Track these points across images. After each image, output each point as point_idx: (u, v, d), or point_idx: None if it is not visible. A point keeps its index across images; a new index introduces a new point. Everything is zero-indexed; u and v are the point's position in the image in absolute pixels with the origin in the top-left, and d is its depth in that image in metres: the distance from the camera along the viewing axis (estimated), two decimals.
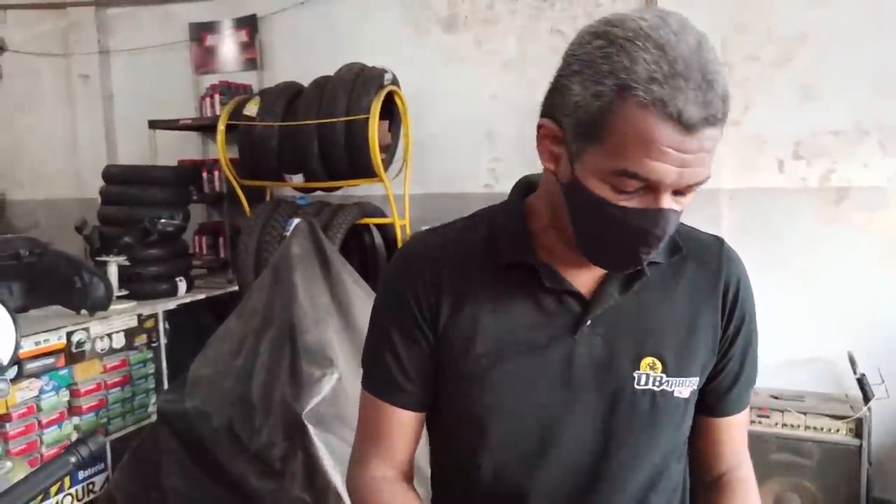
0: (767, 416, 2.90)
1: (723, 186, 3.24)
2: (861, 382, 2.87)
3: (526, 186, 1.01)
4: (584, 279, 0.94)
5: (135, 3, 4.60)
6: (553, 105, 0.85)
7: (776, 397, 2.99)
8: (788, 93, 3.17)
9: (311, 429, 2.11)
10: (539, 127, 0.88)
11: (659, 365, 0.94)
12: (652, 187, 0.79)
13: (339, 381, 2.25)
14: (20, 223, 4.99)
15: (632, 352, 0.93)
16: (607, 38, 0.77)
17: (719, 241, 1.02)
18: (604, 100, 0.77)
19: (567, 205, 0.87)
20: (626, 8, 3.43)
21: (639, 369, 0.93)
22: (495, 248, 0.96)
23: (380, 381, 1.01)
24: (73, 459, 1.12)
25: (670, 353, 0.94)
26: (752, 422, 2.93)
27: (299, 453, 2.14)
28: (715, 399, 1.02)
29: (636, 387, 0.93)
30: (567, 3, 3.56)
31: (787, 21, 3.16)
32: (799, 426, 2.86)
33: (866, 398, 2.84)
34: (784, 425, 2.88)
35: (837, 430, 2.82)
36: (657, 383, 0.93)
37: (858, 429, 2.80)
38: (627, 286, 0.93)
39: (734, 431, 1.05)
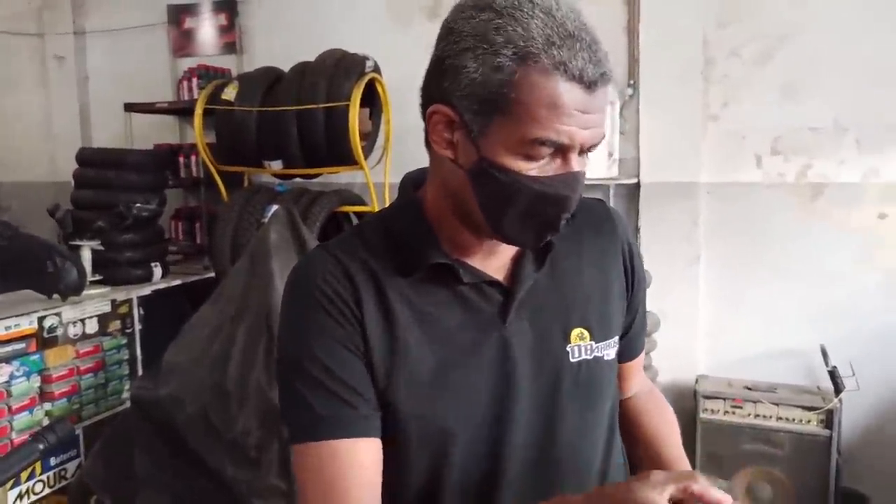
0: (741, 407, 2.95)
1: (701, 180, 3.27)
2: (833, 375, 2.92)
3: (413, 183, 0.97)
4: (497, 266, 0.93)
5: None
6: (442, 89, 0.81)
7: (750, 388, 3.04)
8: (769, 89, 3.19)
9: None
10: (431, 115, 0.83)
11: (587, 334, 0.95)
12: (562, 151, 0.79)
13: None
14: None
15: (561, 327, 0.94)
16: (493, 10, 0.77)
17: (604, 205, 1.06)
18: (505, 71, 0.76)
19: (475, 189, 0.83)
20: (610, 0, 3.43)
21: (570, 342, 0.94)
22: (404, 254, 0.90)
23: (320, 420, 0.85)
24: (40, 446, 1.10)
25: (594, 319, 0.96)
26: (726, 412, 2.97)
27: (275, 441, 2.12)
28: (624, 347, 1.06)
29: (571, 360, 0.94)
30: None
31: (771, 19, 3.18)
32: (771, 417, 2.90)
33: (837, 390, 2.89)
34: (757, 416, 2.93)
35: (809, 422, 2.87)
36: (588, 352, 0.95)
37: (829, 420, 2.86)
38: (540, 263, 0.93)
39: (637, 368, 1.16)
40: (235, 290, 2.68)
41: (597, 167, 3.20)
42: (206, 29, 4.26)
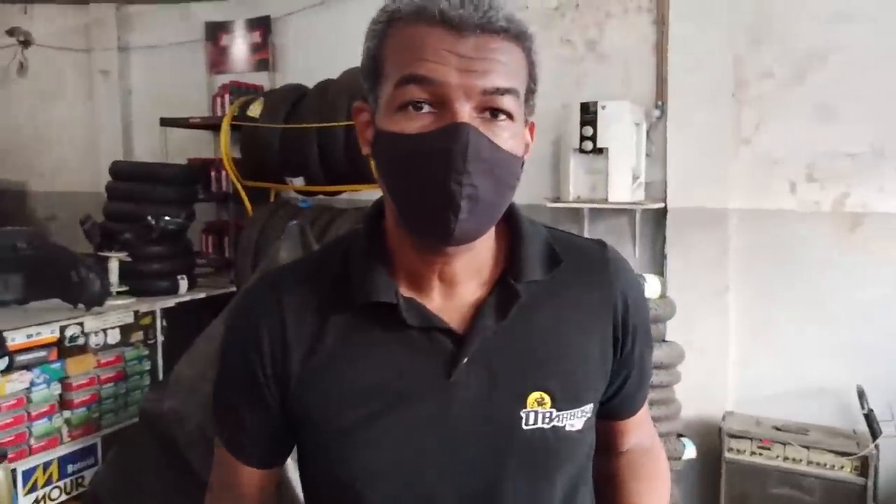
0: (769, 448, 2.79)
1: (730, 206, 3.13)
2: (869, 418, 2.74)
3: (382, 205, 0.88)
4: (455, 311, 0.84)
5: (154, 1, 4.65)
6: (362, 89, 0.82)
7: (779, 429, 2.88)
8: (803, 112, 3.05)
9: None
10: (355, 116, 0.84)
11: (547, 399, 0.83)
12: (442, 100, 0.73)
13: None
14: (39, 214, 5.08)
15: (516, 388, 0.83)
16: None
17: (602, 248, 0.93)
18: (378, 37, 0.78)
19: (377, 172, 0.79)
20: (638, 18, 3.35)
21: (525, 407, 0.83)
22: (352, 284, 0.84)
23: (224, 434, 0.92)
24: None
25: (558, 384, 0.84)
26: (753, 453, 2.83)
27: None
28: (618, 406, 0.97)
29: (524, 427, 0.82)
30: (577, 13, 3.48)
31: (806, 38, 3.04)
32: (801, 460, 2.74)
33: (874, 435, 2.71)
34: (786, 458, 2.77)
35: (842, 468, 2.70)
36: (547, 420, 0.83)
37: (864, 467, 2.69)
38: (503, 313, 0.83)
39: (635, 425, 1.02)
40: None
41: (621, 191, 3.11)
42: (241, 46, 4.35)
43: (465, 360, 0.82)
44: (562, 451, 0.85)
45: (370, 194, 3.72)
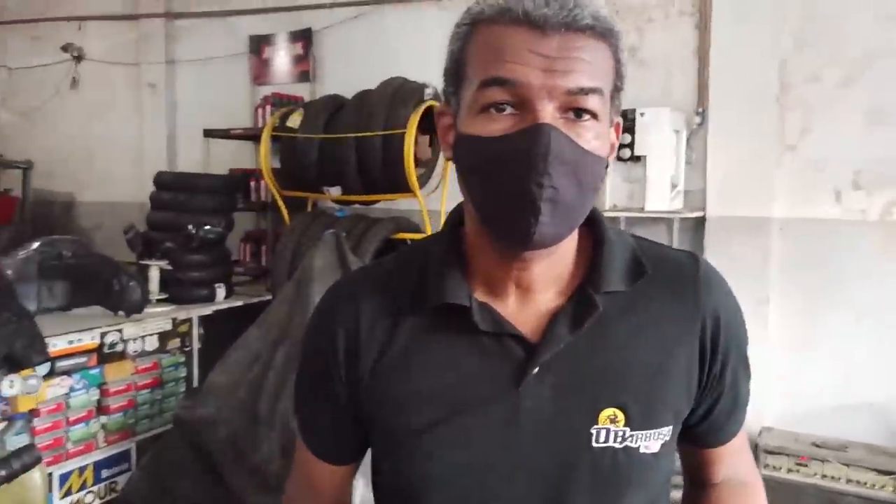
0: (806, 465, 2.69)
1: (774, 215, 3.04)
2: None
3: (462, 209, 0.87)
4: (530, 318, 0.81)
5: (201, 16, 4.76)
6: (443, 93, 0.81)
7: (818, 445, 2.77)
8: (851, 117, 2.94)
9: None
10: (437, 119, 0.82)
11: (621, 417, 0.79)
12: (524, 101, 0.71)
13: None
14: (86, 223, 5.24)
15: (588, 403, 0.79)
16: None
17: (694, 261, 0.87)
18: (461, 39, 0.76)
19: (459, 177, 0.78)
20: (680, 23, 3.28)
21: (597, 424, 0.79)
22: (428, 287, 0.83)
23: (303, 429, 0.95)
24: (3, 472, 1.11)
25: (635, 401, 0.80)
26: (790, 470, 2.72)
27: None
28: (706, 433, 0.90)
29: (594, 445, 0.79)
30: (617, 19, 3.42)
31: (854, 40, 2.94)
32: (840, 479, 2.63)
33: None
34: (824, 476, 2.66)
35: (883, 487, 2.58)
36: (619, 439, 0.79)
37: None
38: (579, 324, 0.79)
39: (728, 454, 0.94)
40: (279, 315, 2.71)
41: (659, 199, 3.05)
42: (283, 58, 4.42)
43: (536, 369, 0.79)
44: (633, 475, 0.81)
45: (406, 203, 3.72)
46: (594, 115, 0.73)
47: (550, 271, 0.81)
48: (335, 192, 3.53)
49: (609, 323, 0.80)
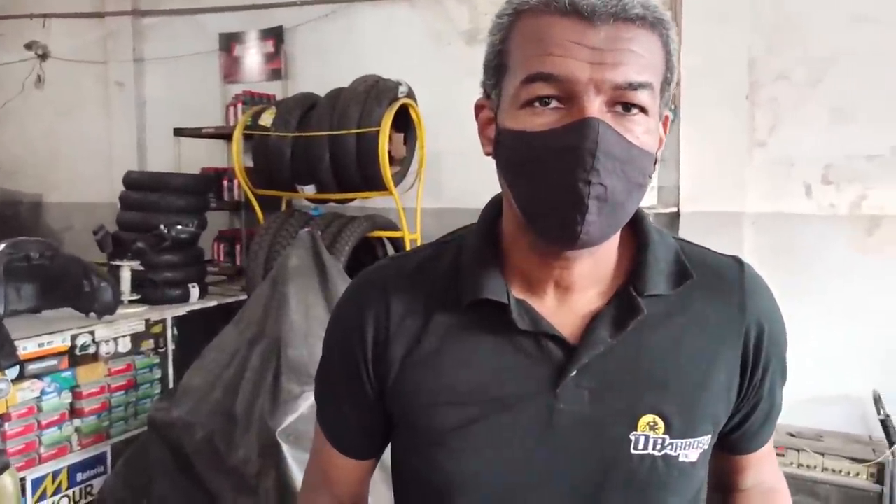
0: (783, 455, 2.74)
1: (746, 210, 3.09)
2: (885, 424, 2.69)
3: (500, 204, 0.84)
4: (569, 318, 0.79)
5: (169, 13, 4.69)
6: (482, 86, 0.78)
7: (793, 435, 2.83)
8: (819, 114, 3.01)
9: (284, 447, 2.06)
10: (476, 113, 0.79)
11: (661, 424, 0.77)
12: (570, 94, 0.68)
13: None
14: (55, 224, 5.13)
15: (627, 409, 0.77)
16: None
17: (739, 266, 0.85)
18: (504, 30, 0.73)
19: (501, 173, 0.75)
20: None
21: (636, 430, 0.77)
22: (459, 280, 0.81)
23: (324, 421, 0.93)
24: None
25: (675, 409, 0.78)
26: None
27: (272, 471, 2.09)
28: (739, 440, 0.89)
29: (632, 451, 0.77)
30: None
31: (822, 40, 3.00)
32: (816, 467, 2.70)
33: (891, 441, 2.66)
34: (800, 465, 2.72)
35: (857, 474, 2.65)
36: (658, 446, 0.77)
37: (880, 474, 2.63)
38: (620, 327, 0.77)
39: (758, 460, 0.94)
40: (255, 315, 2.69)
41: None
42: (254, 56, 4.38)
43: (574, 372, 0.77)
44: (671, 483, 0.78)
45: (382, 201, 3.71)
46: (643, 110, 0.70)
47: (592, 271, 0.79)
48: (309, 190, 3.51)
49: (651, 327, 0.78)
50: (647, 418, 0.77)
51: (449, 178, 3.76)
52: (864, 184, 2.96)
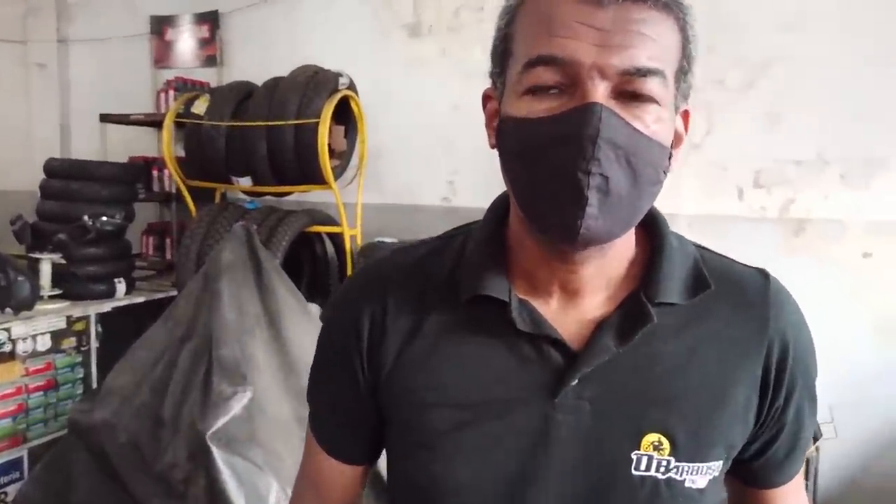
0: None
1: (682, 212, 3.15)
2: None
3: (506, 199, 0.79)
4: (573, 323, 0.74)
5: None
6: (490, 75, 0.75)
7: None
8: (752, 119, 3.08)
9: (214, 450, 1.98)
10: (483, 104, 0.75)
11: (666, 444, 0.71)
12: (573, 79, 0.63)
13: (252, 401, 2.12)
14: None
15: (631, 425, 0.72)
16: None
17: (764, 278, 0.79)
18: (509, 14, 0.69)
19: (501, 162, 0.70)
20: None
21: (638, 449, 0.71)
22: (463, 277, 0.76)
23: (316, 423, 0.89)
24: None
25: (683, 429, 0.72)
26: None
27: (202, 477, 2.01)
28: (760, 471, 0.82)
29: (633, 472, 0.71)
30: None
31: (755, 46, 3.07)
32: None
33: (814, 438, 2.74)
34: None
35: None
36: (662, 469, 0.71)
37: (805, 469, 2.71)
38: (628, 335, 0.71)
39: (784, 496, 0.84)
40: (186, 311, 2.58)
41: None
42: (187, 41, 4.22)
43: (575, 381, 0.71)
44: None
45: (321, 196, 3.63)
46: (654, 101, 0.65)
47: (601, 275, 0.74)
48: (245, 182, 3.40)
49: (662, 338, 0.73)
50: (652, 437, 0.72)
51: (390, 173, 3.70)
52: (792, 188, 3.05)
